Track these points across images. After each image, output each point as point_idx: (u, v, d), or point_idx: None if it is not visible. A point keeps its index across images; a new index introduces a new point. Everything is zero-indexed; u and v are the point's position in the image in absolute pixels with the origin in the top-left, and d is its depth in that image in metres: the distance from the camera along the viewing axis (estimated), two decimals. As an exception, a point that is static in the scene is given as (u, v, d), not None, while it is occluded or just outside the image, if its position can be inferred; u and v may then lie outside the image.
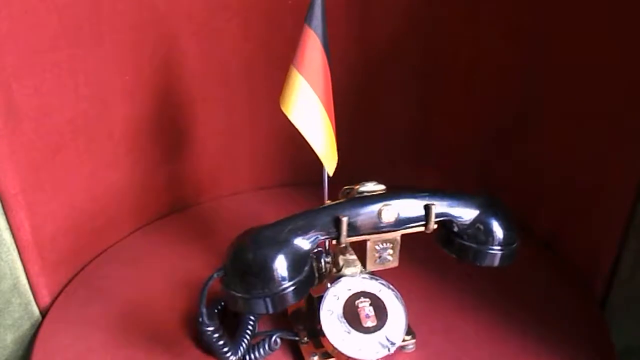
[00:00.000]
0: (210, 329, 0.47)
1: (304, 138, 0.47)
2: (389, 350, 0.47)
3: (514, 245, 0.48)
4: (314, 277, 0.47)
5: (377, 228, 0.46)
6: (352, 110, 0.48)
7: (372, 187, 0.47)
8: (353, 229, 0.45)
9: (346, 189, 0.49)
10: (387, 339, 0.48)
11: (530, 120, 0.65)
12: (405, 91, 0.73)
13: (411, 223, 0.46)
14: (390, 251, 0.47)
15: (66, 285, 0.61)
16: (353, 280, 0.50)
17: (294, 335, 0.51)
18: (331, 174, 0.50)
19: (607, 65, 0.55)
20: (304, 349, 0.50)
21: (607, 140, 0.56)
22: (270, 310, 0.44)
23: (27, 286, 0.57)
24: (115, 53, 0.60)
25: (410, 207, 0.46)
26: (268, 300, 0.43)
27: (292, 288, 0.43)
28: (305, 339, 0.51)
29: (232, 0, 0.67)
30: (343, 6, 0.68)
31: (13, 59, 0.51)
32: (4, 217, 0.53)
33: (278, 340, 0.50)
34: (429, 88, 0.72)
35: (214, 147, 0.74)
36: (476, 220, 0.47)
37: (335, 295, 0.49)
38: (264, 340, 0.50)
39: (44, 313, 0.58)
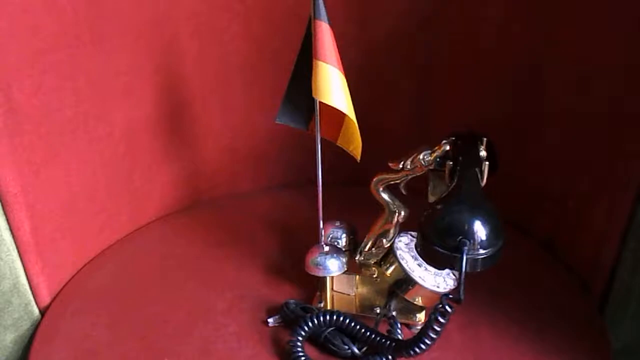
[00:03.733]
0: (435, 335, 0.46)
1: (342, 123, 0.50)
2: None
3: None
4: None
5: (482, 168, 0.49)
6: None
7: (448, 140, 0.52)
8: None
9: (414, 157, 0.53)
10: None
11: (530, 121, 0.65)
12: (404, 91, 0.73)
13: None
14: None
15: (66, 285, 0.61)
16: (401, 239, 0.54)
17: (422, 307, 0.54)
18: (359, 159, 0.52)
19: (607, 65, 0.55)
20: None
21: (607, 141, 0.56)
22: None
23: (27, 286, 0.57)
24: (115, 53, 0.60)
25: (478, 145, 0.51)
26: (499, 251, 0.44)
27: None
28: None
29: (232, 1, 0.67)
30: (342, 6, 0.68)
31: (13, 59, 0.51)
32: (4, 217, 0.53)
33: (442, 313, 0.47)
34: (429, 87, 0.72)
35: (213, 147, 0.74)
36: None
37: (412, 256, 0.53)
38: (430, 323, 0.46)
39: (43, 313, 0.58)
